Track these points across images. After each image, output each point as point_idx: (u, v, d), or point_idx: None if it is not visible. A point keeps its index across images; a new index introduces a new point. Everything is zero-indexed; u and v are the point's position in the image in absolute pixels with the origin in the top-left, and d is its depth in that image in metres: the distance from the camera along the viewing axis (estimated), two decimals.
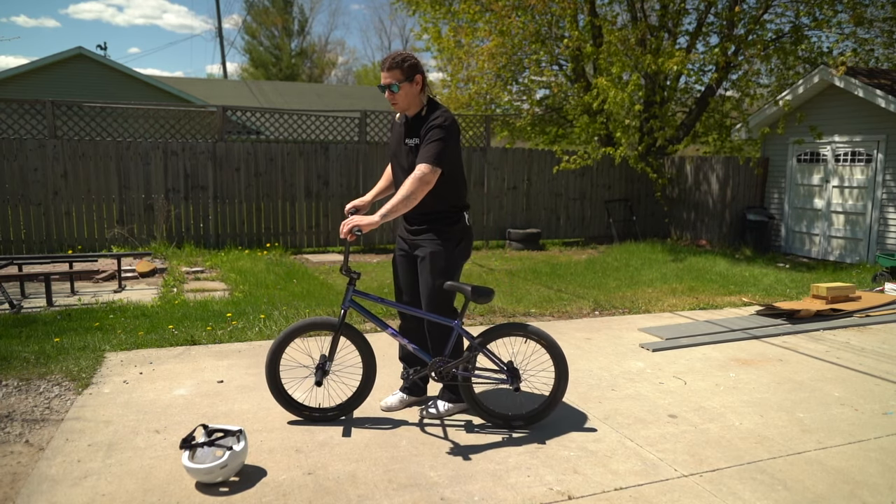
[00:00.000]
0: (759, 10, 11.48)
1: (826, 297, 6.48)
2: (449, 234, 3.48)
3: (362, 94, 25.92)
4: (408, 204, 3.28)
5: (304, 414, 3.52)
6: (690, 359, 4.86)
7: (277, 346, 3.45)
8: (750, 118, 11.46)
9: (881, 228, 9.75)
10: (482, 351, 3.41)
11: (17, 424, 3.43)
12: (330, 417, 3.53)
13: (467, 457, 3.15)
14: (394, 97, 3.43)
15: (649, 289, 7.67)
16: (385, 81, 3.41)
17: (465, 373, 3.42)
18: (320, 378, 3.44)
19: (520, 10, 11.60)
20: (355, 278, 3.45)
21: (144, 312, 5.91)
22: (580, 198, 12.85)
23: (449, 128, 3.37)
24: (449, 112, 3.46)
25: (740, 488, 2.90)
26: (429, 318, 3.46)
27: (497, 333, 3.45)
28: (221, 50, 50.51)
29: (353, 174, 11.11)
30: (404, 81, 3.39)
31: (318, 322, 3.50)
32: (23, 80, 16.45)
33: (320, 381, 3.44)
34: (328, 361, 3.46)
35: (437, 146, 3.33)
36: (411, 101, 3.45)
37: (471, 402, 3.47)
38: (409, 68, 3.39)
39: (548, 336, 3.47)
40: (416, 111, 3.48)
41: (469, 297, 3.32)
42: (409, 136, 3.48)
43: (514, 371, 3.47)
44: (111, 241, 9.82)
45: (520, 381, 3.47)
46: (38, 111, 9.51)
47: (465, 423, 3.55)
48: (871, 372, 4.61)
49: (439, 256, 3.45)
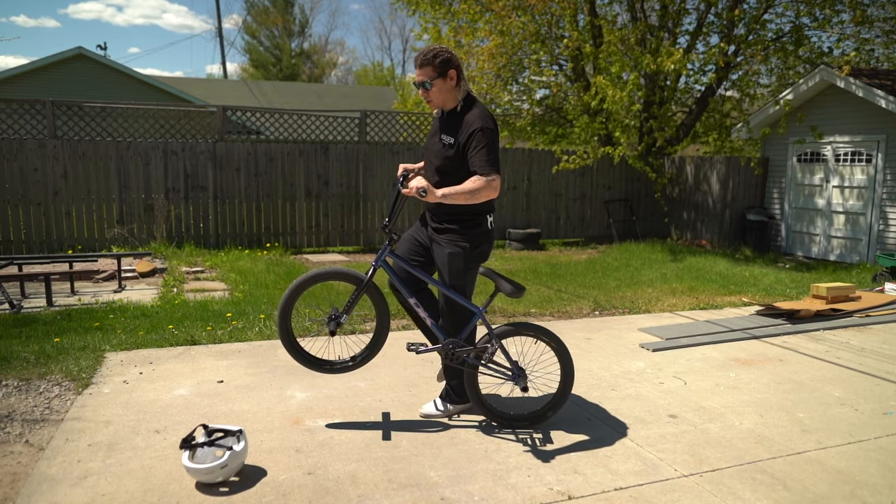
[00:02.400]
0: (759, 9, 11.48)
1: (826, 297, 6.48)
2: (468, 237, 3.41)
3: (362, 94, 25.93)
4: (469, 199, 3.20)
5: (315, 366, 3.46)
6: (690, 359, 4.86)
7: (292, 293, 3.34)
8: (750, 118, 11.46)
9: (881, 228, 9.75)
10: (499, 345, 3.40)
11: (17, 424, 3.43)
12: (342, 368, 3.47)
13: (467, 457, 3.15)
14: (427, 94, 3.37)
15: (649, 289, 7.67)
16: (418, 79, 3.35)
17: (474, 361, 3.40)
18: (334, 328, 3.40)
19: (520, 10, 11.60)
20: (395, 239, 3.41)
21: (144, 312, 5.91)
22: (580, 198, 12.85)
23: (493, 130, 3.32)
24: (486, 110, 3.37)
25: (740, 488, 2.89)
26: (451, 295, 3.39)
27: (512, 331, 3.45)
28: (221, 50, 50.54)
29: (354, 174, 11.11)
30: (437, 78, 3.32)
31: (343, 272, 3.39)
32: (23, 80, 16.45)
33: (334, 331, 3.40)
34: (344, 314, 3.41)
35: (489, 152, 3.24)
36: (446, 97, 3.38)
37: (473, 394, 3.45)
38: (441, 64, 3.31)
39: (558, 339, 3.47)
40: (452, 106, 3.41)
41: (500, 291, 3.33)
42: (444, 133, 3.40)
43: (520, 370, 3.46)
44: (111, 241, 9.82)
45: (526, 382, 3.47)
46: (38, 111, 9.51)
47: (465, 424, 3.55)
48: (871, 372, 4.61)
49: (458, 258, 3.39)
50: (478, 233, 3.42)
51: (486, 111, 3.35)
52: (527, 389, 3.49)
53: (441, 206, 3.38)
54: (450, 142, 3.35)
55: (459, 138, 3.30)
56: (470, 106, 3.37)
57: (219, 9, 51.31)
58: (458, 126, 3.34)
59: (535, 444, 3.30)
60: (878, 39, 13.46)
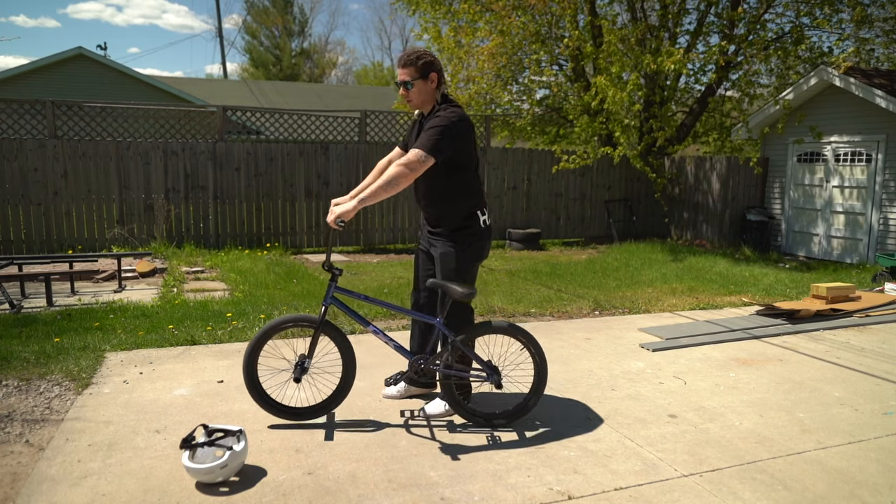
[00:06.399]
0: (759, 9, 11.48)
1: (826, 297, 6.48)
2: (461, 235, 3.46)
3: (362, 94, 25.93)
4: (388, 190, 3.17)
5: (283, 414, 3.45)
6: (690, 359, 4.86)
7: (255, 344, 3.38)
8: (750, 118, 11.46)
9: (881, 228, 9.75)
10: (460, 347, 3.41)
11: (17, 424, 3.43)
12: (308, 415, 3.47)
13: (467, 457, 3.15)
14: (408, 94, 3.43)
15: (649, 289, 7.67)
16: (400, 78, 3.41)
17: (445, 370, 3.41)
18: (299, 375, 3.41)
19: (520, 10, 11.60)
20: (337, 274, 3.43)
21: (144, 312, 5.91)
22: (580, 198, 12.85)
23: (454, 122, 3.29)
24: (460, 108, 3.41)
25: (740, 488, 2.90)
26: (413, 315, 3.57)
27: (477, 331, 3.45)
28: (221, 50, 50.54)
29: (354, 174, 11.10)
30: (418, 79, 3.39)
31: (297, 318, 3.43)
32: (23, 80, 16.45)
33: (299, 378, 3.41)
34: (307, 359, 3.43)
35: (434, 134, 3.24)
36: (425, 98, 3.44)
37: (451, 400, 3.46)
38: (424, 66, 3.38)
39: (525, 332, 3.49)
40: (430, 109, 3.48)
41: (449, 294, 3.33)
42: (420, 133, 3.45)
43: (493, 368, 3.46)
44: (111, 241, 9.82)
45: (500, 377, 3.45)
46: (38, 111, 9.51)
47: (465, 423, 3.55)
48: (871, 372, 4.61)
49: (449, 258, 3.45)
50: (470, 231, 3.48)
51: (461, 111, 3.39)
52: (500, 385, 3.48)
53: (430, 210, 3.50)
54: None
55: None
56: (447, 105, 3.43)
57: (219, 9, 51.33)
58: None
59: (535, 444, 3.31)
60: (879, 39, 13.46)
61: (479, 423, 3.49)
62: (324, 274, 8.44)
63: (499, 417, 3.50)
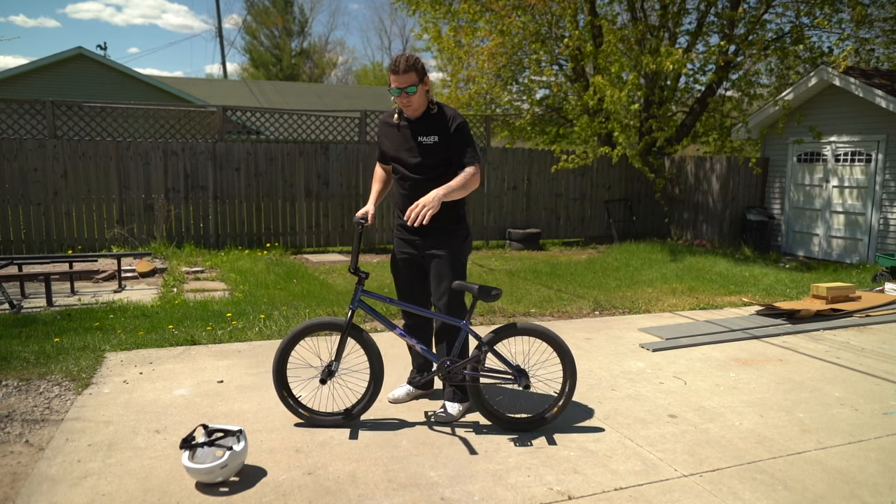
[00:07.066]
0: (759, 9, 11.48)
1: (826, 297, 6.48)
2: (458, 232, 3.58)
3: (362, 94, 25.93)
4: (462, 192, 3.36)
5: (312, 418, 3.47)
6: (690, 359, 4.86)
7: (285, 347, 3.41)
8: (750, 118, 11.46)
9: (881, 228, 9.75)
10: (491, 350, 3.41)
11: (17, 424, 3.43)
12: (339, 423, 3.47)
13: (467, 457, 3.15)
14: (409, 99, 3.40)
15: (649, 289, 7.67)
16: (402, 85, 3.35)
17: (473, 373, 3.41)
18: (325, 377, 3.41)
19: (520, 10, 11.60)
20: (364, 278, 3.43)
21: (144, 312, 5.91)
22: (580, 198, 12.85)
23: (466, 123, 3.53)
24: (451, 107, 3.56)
25: (740, 488, 2.90)
26: (439, 318, 3.49)
27: (505, 333, 3.44)
28: (221, 50, 50.54)
29: (353, 174, 11.10)
30: (419, 83, 3.39)
31: (326, 322, 3.45)
32: (23, 80, 16.45)
33: (325, 380, 3.41)
34: (335, 362, 3.43)
35: (474, 145, 3.49)
36: (422, 100, 3.46)
37: (478, 403, 3.45)
38: (422, 69, 3.41)
39: (557, 337, 3.46)
40: (423, 111, 3.50)
41: (476, 296, 3.32)
42: (423, 135, 3.48)
43: (521, 371, 3.45)
44: (111, 241, 9.82)
45: (528, 381, 3.45)
46: (38, 111, 9.51)
47: (465, 423, 3.55)
48: (871, 372, 4.61)
49: (456, 256, 3.52)
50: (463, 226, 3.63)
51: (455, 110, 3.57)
52: (529, 387, 3.48)
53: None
54: (434, 140, 3.46)
55: (444, 134, 3.44)
56: (441, 107, 3.53)
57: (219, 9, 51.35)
58: (438, 124, 3.46)
59: (535, 444, 3.30)
60: (878, 39, 13.46)
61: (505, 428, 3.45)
62: (323, 273, 8.45)
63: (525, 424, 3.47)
